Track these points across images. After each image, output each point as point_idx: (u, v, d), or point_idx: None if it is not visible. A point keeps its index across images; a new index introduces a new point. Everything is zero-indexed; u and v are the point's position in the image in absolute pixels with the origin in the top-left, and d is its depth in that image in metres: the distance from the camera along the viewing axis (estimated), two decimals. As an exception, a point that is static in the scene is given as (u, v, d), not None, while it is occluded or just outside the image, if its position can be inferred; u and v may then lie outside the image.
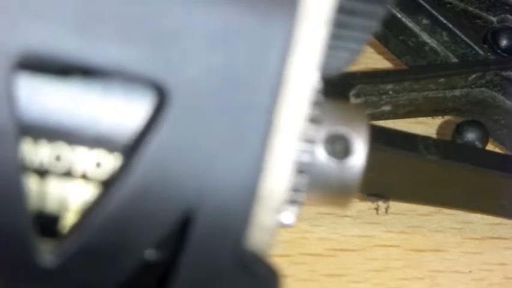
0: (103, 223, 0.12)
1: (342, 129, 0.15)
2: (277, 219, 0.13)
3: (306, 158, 0.14)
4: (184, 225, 0.12)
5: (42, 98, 0.12)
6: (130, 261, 0.12)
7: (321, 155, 0.15)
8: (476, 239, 0.29)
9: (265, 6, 0.12)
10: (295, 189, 0.14)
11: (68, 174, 0.12)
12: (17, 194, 0.12)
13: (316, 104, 0.14)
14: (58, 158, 0.12)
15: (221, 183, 0.12)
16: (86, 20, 0.12)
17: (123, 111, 0.12)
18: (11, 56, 0.11)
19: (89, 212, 0.12)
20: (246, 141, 0.12)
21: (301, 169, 0.14)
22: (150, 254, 0.13)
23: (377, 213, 0.28)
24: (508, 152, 0.27)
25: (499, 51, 0.27)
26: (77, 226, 0.12)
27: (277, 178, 0.13)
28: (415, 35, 0.27)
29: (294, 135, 0.13)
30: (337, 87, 0.15)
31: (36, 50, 0.12)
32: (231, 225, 0.12)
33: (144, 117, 0.12)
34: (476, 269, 0.28)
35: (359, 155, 0.15)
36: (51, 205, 0.13)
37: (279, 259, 0.27)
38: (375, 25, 0.14)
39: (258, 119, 0.12)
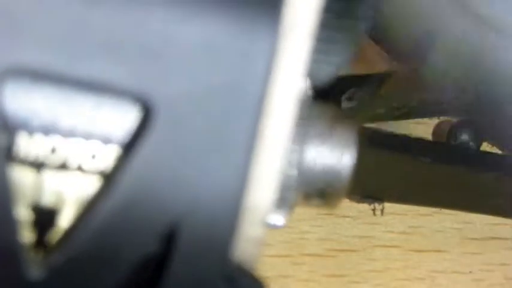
0: (89, 236, 0.12)
1: (330, 131, 0.15)
2: (262, 231, 0.13)
3: (295, 161, 0.14)
4: (170, 238, 0.12)
5: (35, 103, 0.12)
6: (117, 274, 0.12)
7: (310, 157, 0.15)
8: (477, 239, 0.28)
9: (248, 21, 0.12)
10: (285, 191, 0.14)
11: (63, 166, 0.13)
12: (5, 207, 0.12)
13: (304, 107, 0.14)
14: (53, 151, 0.12)
15: (206, 197, 0.12)
16: (72, 37, 0.12)
17: (113, 124, 0.12)
18: None
19: (75, 226, 0.12)
20: (231, 155, 0.12)
21: (291, 171, 0.14)
22: (137, 265, 0.13)
23: (374, 215, 0.28)
24: (503, 152, 0.27)
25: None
26: (64, 239, 0.12)
27: (263, 190, 0.13)
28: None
29: (279, 147, 0.13)
30: (329, 91, 0.15)
31: (23, 68, 0.12)
32: (216, 237, 0.12)
33: (130, 130, 0.12)
34: (477, 269, 0.28)
35: (348, 157, 0.15)
36: (48, 198, 0.13)
37: (279, 259, 0.27)
38: (358, 39, 0.14)
39: (242, 133, 0.12)
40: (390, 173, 0.23)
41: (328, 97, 0.16)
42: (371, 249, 0.28)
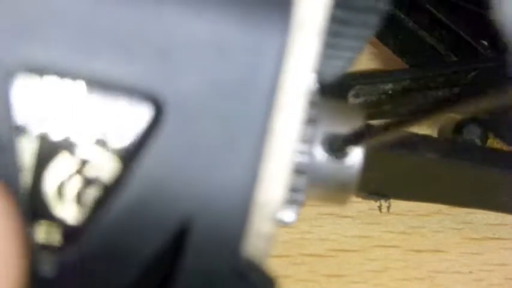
0: (101, 235, 0.12)
1: (339, 128, 0.15)
2: (273, 227, 0.13)
3: (304, 158, 0.14)
4: (181, 235, 0.12)
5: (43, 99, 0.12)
6: (128, 271, 0.12)
7: (319, 154, 0.15)
8: (476, 239, 0.28)
9: (258, 19, 0.12)
10: (295, 189, 0.14)
11: (74, 165, 0.12)
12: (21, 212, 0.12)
13: (312, 105, 0.14)
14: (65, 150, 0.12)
15: (217, 193, 0.12)
16: (83, 36, 0.12)
17: (124, 122, 0.12)
18: (8, 73, 0.12)
19: (87, 224, 0.12)
20: (241, 151, 0.12)
21: (300, 169, 0.14)
22: (148, 262, 0.12)
23: (380, 212, 0.28)
24: (509, 148, 0.27)
25: (498, 48, 0.27)
26: (76, 237, 0.12)
27: (273, 186, 0.13)
28: (414, 34, 0.27)
29: (288, 143, 0.13)
30: (336, 88, 0.15)
31: (35, 66, 0.12)
32: (227, 234, 0.12)
33: (141, 128, 0.12)
34: (476, 269, 0.28)
35: (356, 153, 0.15)
36: (59, 196, 0.13)
37: (279, 259, 0.27)
38: (369, 34, 0.14)
39: (252, 129, 0.12)
40: (397, 170, 0.23)
41: (335, 94, 0.15)
42: (370, 249, 0.28)
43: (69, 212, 0.12)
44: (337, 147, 0.15)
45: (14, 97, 0.12)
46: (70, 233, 0.12)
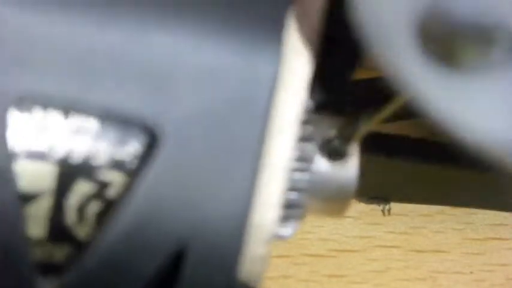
0: (99, 258, 0.12)
1: (334, 134, 0.15)
2: (268, 249, 0.13)
3: (301, 174, 0.14)
4: (177, 259, 0.12)
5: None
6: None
7: (316, 161, 0.15)
8: (478, 239, 0.28)
9: (252, 46, 0.12)
10: (292, 204, 0.14)
11: (69, 191, 0.13)
12: (16, 229, 0.12)
13: (307, 120, 0.14)
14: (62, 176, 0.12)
15: (212, 218, 0.12)
16: (80, 66, 0.12)
17: (121, 149, 0.12)
18: (4, 103, 0.12)
19: (85, 248, 0.12)
20: (236, 177, 0.12)
21: (297, 185, 0.14)
22: (146, 286, 0.13)
23: (383, 215, 0.28)
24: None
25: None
26: (74, 262, 0.12)
27: (267, 210, 0.13)
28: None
29: (283, 165, 0.13)
30: (334, 98, 0.15)
31: (31, 96, 0.12)
32: (223, 257, 0.12)
33: (137, 156, 0.12)
34: (478, 269, 0.28)
35: (353, 158, 0.15)
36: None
37: (280, 260, 0.27)
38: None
39: (247, 153, 0.12)
40: (396, 174, 0.23)
41: (331, 102, 0.15)
42: (372, 250, 0.28)
43: (86, 232, 0.13)
44: (334, 147, 0.15)
45: (13, 127, 0.12)
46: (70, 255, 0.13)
